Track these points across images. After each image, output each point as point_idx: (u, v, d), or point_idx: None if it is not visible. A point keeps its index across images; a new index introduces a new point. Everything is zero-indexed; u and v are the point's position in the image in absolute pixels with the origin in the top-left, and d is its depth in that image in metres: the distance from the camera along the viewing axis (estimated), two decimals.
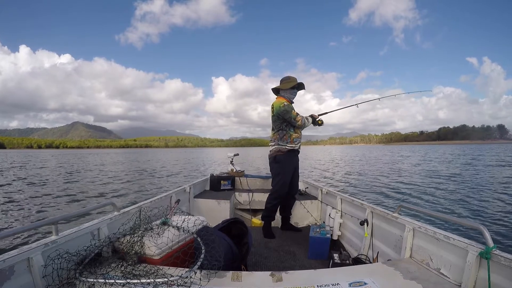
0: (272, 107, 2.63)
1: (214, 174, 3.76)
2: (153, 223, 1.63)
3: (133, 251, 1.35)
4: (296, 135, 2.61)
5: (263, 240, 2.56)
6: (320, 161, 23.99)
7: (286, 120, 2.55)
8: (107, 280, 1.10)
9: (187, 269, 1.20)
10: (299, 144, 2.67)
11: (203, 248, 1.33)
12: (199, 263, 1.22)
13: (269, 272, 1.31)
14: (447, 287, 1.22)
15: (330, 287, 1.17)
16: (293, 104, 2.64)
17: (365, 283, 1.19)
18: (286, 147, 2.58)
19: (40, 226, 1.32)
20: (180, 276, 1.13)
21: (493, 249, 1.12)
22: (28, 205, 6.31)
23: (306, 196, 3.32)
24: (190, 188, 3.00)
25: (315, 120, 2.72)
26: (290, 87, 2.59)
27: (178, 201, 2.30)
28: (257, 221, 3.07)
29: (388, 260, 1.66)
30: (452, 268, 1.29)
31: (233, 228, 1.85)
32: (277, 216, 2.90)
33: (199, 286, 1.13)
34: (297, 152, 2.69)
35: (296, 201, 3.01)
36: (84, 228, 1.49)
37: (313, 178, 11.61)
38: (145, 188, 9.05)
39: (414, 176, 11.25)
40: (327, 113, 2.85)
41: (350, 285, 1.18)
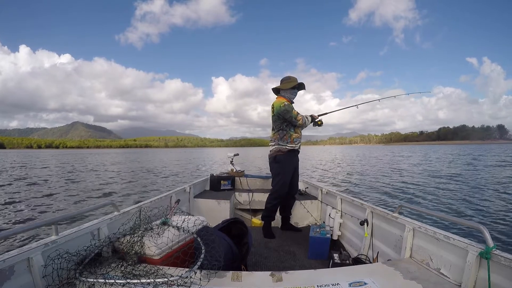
0: (273, 107, 2.63)
1: (214, 174, 3.76)
2: (153, 223, 1.63)
3: (133, 251, 1.35)
4: (296, 135, 2.61)
5: (263, 240, 2.56)
6: (321, 161, 23.99)
7: (287, 120, 2.54)
8: (107, 280, 1.10)
9: (187, 269, 1.20)
10: (299, 144, 2.68)
11: (203, 248, 1.33)
12: (199, 263, 1.22)
13: (269, 272, 1.31)
14: (447, 287, 1.22)
15: (330, 287, 1.17)
16: (293, 104, 2.64)
17: (365, 283, 1.19)
18: (287, 147, 2.58)
19: (40, 226, 1.33)
20: (180, 276, 1.13)
21: (493, 249, 1.12)
22: (28, 205, 6.31)
23: (306, 196, 3.31)
24: (190, 188, 3.00)
25: (315, 121, 2.73)
26: (291, 87, 2.59)
27: (178, 201, 2.30)
28: (257, 221, 3.07)
29: (388, 260, 1.66)
30: (452, 268, 1.29)
31: (233, 228, 1.85)
32: (277, 216, 2.90)
33: (199, 286, 1.13)
34: (297, 152, 2.69)
35: (296, 201, 3.01)
36: (84, 228, 1.49)
37: (314, 177, 11.62)
38: (145, 188, 9.05)
39: (414, 176, 11.24)
40: (327, 114, 2.86)
41: (350, 285, 1.18)
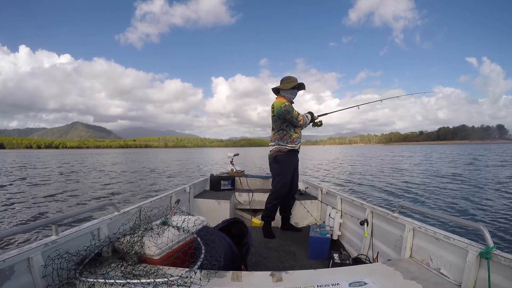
0: (272, 107, 2.62)
1: (214, 174, 3.76)
2: (153, 223, 1.63)
3: (133, 251, 1.35)
4: (296, 135, 2.61)
5: (263, 240, 2.56)
6: (322, 161, 23.98)
7: (288, 120, 2.54)
8: (107, 280, 1.10)
9: (187, 269, 1.20)
10: (299, 144, 2.67)
11: (203, 248, 1.33)
12: (199, 263, 1.22)
13: (269, 272, 1.31)
14: (447, 287, 1.22)
15: (330, 287, 1.17)
16: (293, 104, 2.64)
17: (365, 283, 1.19)
18: (287, 147, 2.58)
19: (40, 226, 1.32)
20: (180, 276, 1.13)
21: (493, 249, 1.12)
22: (28, 205, 6.30)
23: (306, 196, 3.31)
24: (190, 188, 3.00)
25: (315, 121, 2.72)
26: (291, 87, 2.58)
27: (178, 201, 2.30)
28: (257, 221, 3.07)
29: (388, 260, 1.66)
30: (452, 268, 1.29)
31: (233, 228, 1.85)
32: (277, 216, 2.90)
33: (199, 286, 1.13)
34: (297, 152, 2.69)
35: (296, 201, 3.00)
36: (84, 228, 1.49)
37: (318, 177, 11.62)
38: (145, 188, 9.05)
39: (414, 176, 11.24)
40: (328, 114, 2.85)
41: (350, 285, 1.18)
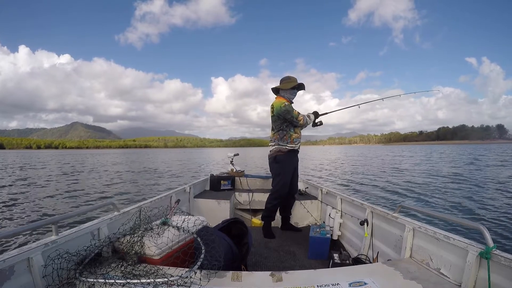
0: (272, 107, 2.62)
1: (214, 174, 3.76)
2: (153, 223, 1.63)
3: (133, 251, 1.35)
4: (296, 135, 2.61)
5: (263, 240, 2.56)
6: (323, 162, 23.99)
7: (288, 120, 2.54)
8: (107, 280, 1.10)
9: (187, 269, 1.20)
10: (299, 144, 2.67)
11: (203, 248, 1.33)
12: (199, 263, 1.22)
13: (269, 272, 1.31)
14: (447, 287, 1.22)
15: (330, 287, 1.17)
16: (293, 105, 2.63)
17: (365, 283, 1.19)
18: (286, 147, 2.58)
19: (40, 226, 1.32)
20: (180, 276, 1.13)
21: (493, 249, 1.12)
22: (28, 205, 6.30)
23: (306, 196, 3.31)
24: (190, 188, 3.00)
25: (315, 122, 2.71)
26: (290, 88, 2.58)
27: (178, 201, 2.30)
28: (257, 221, 3.07)
29: (388, 260, 1.66)
30: (452, 268, 1.29)
31: (233, 228, 1.85)
32: (277, 216, 2.90)
33: (199, 286, 1.13)
34: (297, 152, 2.69)
35: (296, 201, 3.01)
36: (84, 228, 1.49)
37: (318, 176, 11.62)
38: (145, 188, 9.05)
39: (414, 176, 11.24)
40: (328, 113, 2.85)
41: (350, 285, 1.18)
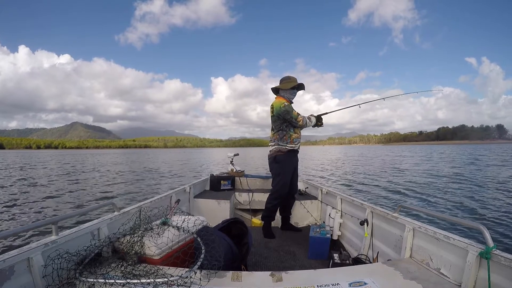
0: (272, 107, 2.62)
1: (214, 174, 3.76)
2: (153, 223, 1.63)
3: (133, 251, 1.35)
4: (296, 136, 2.61)
5: (263, 240, 2.56)
6: (324, 162, 23.99)
7: (287, 120, 2.54)
8: (107, 280, 1.10)
9: (187, 269, 1.20)
10: (299, 145, 2.67)
11: (203, 248, 1.33)
12: (199, 263, 1.22)
13: (269, 272, 1.31)
14: (447, 287, 1.22)
15: (330, 287, 1.17)
16: (292, 105, 2.63)
17: (365, 283, 1.19)
18: (286, 147, 2.58)
19: (40, 226, 1.32)
20: (180, 276, 1.13)
21: (493, 249, 1.12)
22: (28, 205, 6.30)
23: (306, 196, 3.31)
24: (190, 188, 3.00)
25: (320, 119, 2.69)
26: (290, 88, 2.58)
27: (178, 201, 2.30)
28: (257, 221, 3.07)
29: (388, 260, 1.66)
30: (452, 268, 1.29)
31: (233, 228, 1.85)
32: (277, 216, 2.90)
33: (199, 286, 1.13)
34: (297, 152, 2.69)
35: (296, 201, 3.01)
36: (84, 228, 1.49)
37: (320, 176, 11.62)
38: (145, 188, 9.05)
39: (414, 176, 11.24)
40: (328, 113, 2.84)
41: (350, 285, 1.18)
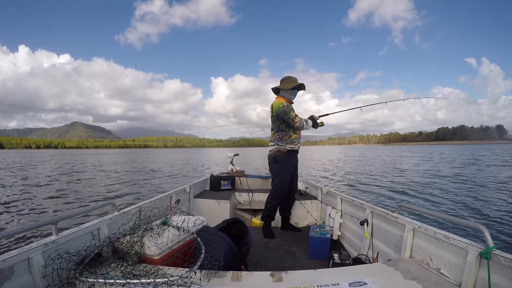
0: (272, 107, 2.62)
1: (214, 174, 3.76)
2: (153, 223, 1.63)
3: (133, 251, 1.35)
4: (296, 136, 2.61)
5: (263, 240, 2.56)
6: (325, 162, 24.00)
7: (285, 121, 2.54)
8: (107, 280, 1.10)
9: (187, 269, 1.20)
10: (299, 145, 2.67)
11: (203, 248, 1.33)
12: (199, 263, 1.22)
13: (269, 272, 1.31)
14: (447, 287, 1.22)
15: (330, 287, 1.17)
16: (293, 105, 2.63)
17: (365, 283, 1.20)
18: (286, 148, 2.57)
19: (40, 226, 1.32)
20: (180, 276, 1.13)
21: (493, 249, 1.12)
22: (28, 205, 6.30)
23: (306, 196, 3.31)
24: (190, 188, 3.00)
25: (316, 123, 2.69)
26: (291, 88, 2.58)
27: (178, 201, 2.30)
28: (257, 221, 3.07)
29: (388, 260, 1.66)
30: (452, 268, 1.29)
31: (233, 228, 1.85)
32: (277, 216, 2.90)
33: (199, 286, 1.13)
34: (297, 153, 2.69)
35: (296, 201, 3.01)
36: (84, 228, 1.49)
37: (318, 177, 11.62)
38: (145, 188, 9.04)
39: (414, 176, 11.25)
40: (329, 115, 2.82)
41: (350, 285, 1.18)
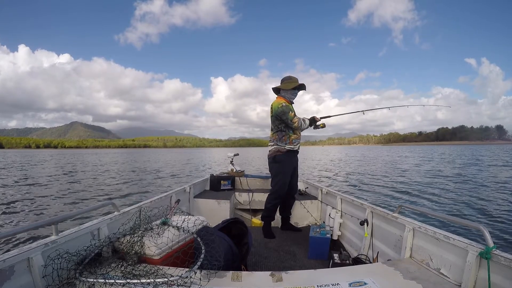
0: (271, 107, 2.62)
1: (214, 174, 3.76)
2: (153, 223, 1.63)
3: (133, 251, 1.35)
4: (295, 136, 2.60)
5: (263, 240, 2.56)
6: (326, 162, 24.00)
7: (284, 121, 2.53)
8: (107, 280, 1.10)
9: (187, 269, 1.20)
10: (298, 145, 2.66)
11: (203, 248, 1.33)
12: (199, 263, 1.22)
13: (269, 272, 1.32)
14: (447, 287, 1.22)
15: (330, 287, 1.17)
16: (293, 105, 2.63)
17: (365, 283, 1.20)
18: (285, 148, 2.57)
19: (40, 226, 1.32)
20: (180, 276, 1.13)
21: (493, 249, 1.12)
22: (28, 205, 6.29)
23: (306, 196, 3.31)
24: (190, 188, 3.00)
25: (317, 124, 2.68)
26: (291, 88, 2.57)
27: (178, 201, 2.30)
28: (257, 221, 3.07)
29: (388, 260, 1.66)
30: (452, 268, 1.29)
31: (233, 228, 1.85)
32: (277, 216, 2.90)
33: (199, 286, 1.13)
34: (296, 153, 2.69)
35: (296, 201, 3.00)
36: (84, 228, 1.49)
37: (326, 176, 11.62)
38: (145, 188, 9.04)
39: (414, 176, 11.25)
40: (331, 117, 2.80)
41: (350, 285, 1.18)
